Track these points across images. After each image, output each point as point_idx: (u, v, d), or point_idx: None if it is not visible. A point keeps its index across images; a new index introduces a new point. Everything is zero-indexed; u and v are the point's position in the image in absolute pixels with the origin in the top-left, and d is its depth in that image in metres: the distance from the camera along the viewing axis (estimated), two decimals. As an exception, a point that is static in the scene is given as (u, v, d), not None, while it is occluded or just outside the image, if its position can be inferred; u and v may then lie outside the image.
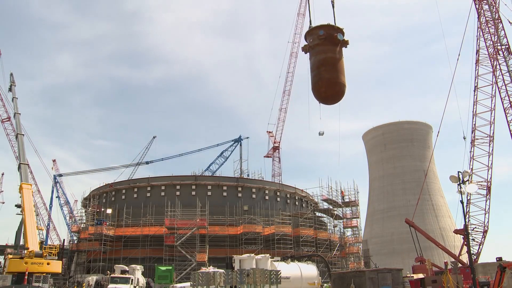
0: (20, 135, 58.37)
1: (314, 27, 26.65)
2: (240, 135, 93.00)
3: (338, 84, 25.41)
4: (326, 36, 25.59)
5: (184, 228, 54.25)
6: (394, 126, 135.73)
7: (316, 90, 26.18)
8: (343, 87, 25.63)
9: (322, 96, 26.82)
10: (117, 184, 69.70)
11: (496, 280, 21.54)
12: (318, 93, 26.30)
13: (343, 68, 25.88)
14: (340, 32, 25.83)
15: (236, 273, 25.14)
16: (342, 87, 25.59)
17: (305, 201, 74.66)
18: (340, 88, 25.67)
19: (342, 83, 25.50)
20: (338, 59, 25.68)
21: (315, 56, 26.17)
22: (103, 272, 52.30)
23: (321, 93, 26.21)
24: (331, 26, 26.09)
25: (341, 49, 26.17)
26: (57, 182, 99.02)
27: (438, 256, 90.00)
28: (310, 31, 26.85)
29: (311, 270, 37.40)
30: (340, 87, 25.56)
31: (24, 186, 50.27)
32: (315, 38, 26.13)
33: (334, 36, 25.67)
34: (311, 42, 26.37)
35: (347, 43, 26.04)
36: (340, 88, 25.69)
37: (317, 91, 26.14)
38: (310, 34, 26.79)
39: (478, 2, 54.64)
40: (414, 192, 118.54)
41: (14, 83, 66.13)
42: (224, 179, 67.22)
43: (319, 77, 25.56)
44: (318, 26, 26.49)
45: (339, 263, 63.33)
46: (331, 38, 25.61)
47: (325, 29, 25.97)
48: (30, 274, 39.07)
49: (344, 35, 26.16)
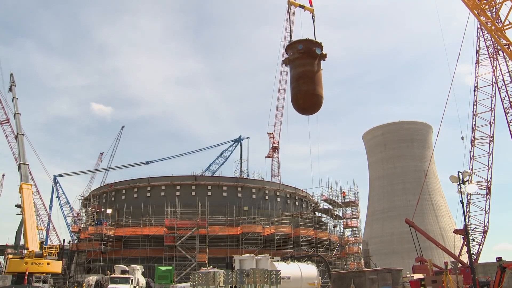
0: (20, 135, 58.36)
1: (294, 41, 28.50)
2: (240, 135, 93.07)
3: (315, 96, 27.20)
4: (305, 50, 27.25)
5: (184, 228, 54.26)
6: (394, 126, 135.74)
7: (295, 101, 27.99)
8: (320, 99, 27.41)
9: (300, 107, 28.79)
10: (117, 184, 69.70)
11: (496, 280, 21.55)
12: (296, 104, 28.16)
13: (321, 80, 27.75)
14: (318, 47, 27.54)
15: (236, 273, 25.15)
16: (319, 98, 27.38)
17: (305, 201, 74.66)
18: (317, 100, 27.47)
19: (319, 94, 27.29)
20: (316, 72, 27.48)
21: (294, 69, 28.06)
22: (103, 272, 52.30)
23: (300, 104, 28.10)
24: (310, 41, 27.85)
25: (320, 62, 27.95)
26: (57, 182, 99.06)
27: (438, 256, 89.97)
28: (290, 45, 28.64)
29: (311, 270, 37.40)
30: (318, 98, 27.35)
31: (24, 186, 50.28)
32: (294, 52, 27.91)
33: (312, 50, 27.32)
34: (291, 56, 28.19)
35: (325, 56, 27.90)
36: (318, 100, 27.49)
37: (295, 102, 27.94)
38: (290, 48, 28.55)
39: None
40: (414, 192, 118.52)
41: (14, 83, 66.15)
42: (224, 179, 67.20)
43: (298, 89, 27.37)
44: (297, 41, 28.31)
45: (339, 263, 63.32)
46: (310, 52, 27.30)
47: (304, 44, 27.68)
48: (30, 274, 39.08)
49: (322, 49, 27.88)
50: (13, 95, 64.09)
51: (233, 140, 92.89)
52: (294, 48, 28.22)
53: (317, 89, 27.36)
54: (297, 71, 27.81)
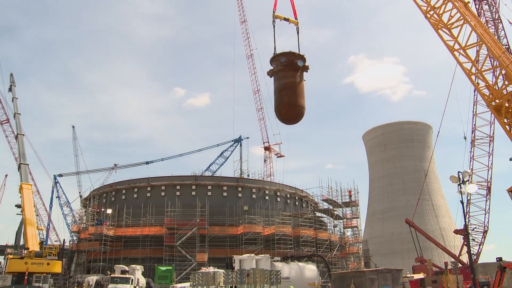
0: (20, 135, 58.37)
1: (277, 54, 29.62)
2: (240, 135, 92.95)
3: (297, 107, 28.65)
4: (288, 63, 28.52)
5: (184, 228, 54.25)
6: (394, 126, 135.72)
7: (277, 112, 29.50)
8: (302, 109, 28.95)
9: (283, 117, 30.22)
10: (117, 184, 69.68)
11: (496, 280, 21.54)
12: (279, 114, 29.67)
13: (303, 92, 29.22)
14: (300, 59, 28.78)
15: (236, 273, 25.17)
16: (301, 109, 28.92)
17: (305, 201, 74.65)
18: (299, 110, 28.99)
19: (301, 105, 28.80)
20: (298, 83, 28.83)
21: (277, 81, 29.38)
22: (103, 272, 52.30)
23: (282, 114, 29.58)
24: (293, 53, 29.03)
25: (302, 73, 29.28)
26: (57, 182, 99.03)
27: (438, 256, 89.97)
28: (274, 57, 29.78)
29: (311, 270, 37.45)
30: (299, 109, 28.88)
31: (24, 186, 50.29)
32: (278, 64, 29.17)
33: (295, 63, 28.56)
34: (275, 68, 29.43)
35: (308, 68, 29.23)
36: (300, 110, 29.02)
37: (278, 112, 29.45)
38: (274, 60, 29.79)
39: (478, 2, 54.71)
40: (414, 192, 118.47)
41: (14, 83, 66.14)
42: (224, 179, 67.16)
43: (280, 101, 28.84)
44: (280, 54, 29.46)
45: (339, 263, 63.30)
46: (292, 64, 28.57)
47: (287, 56, 28.90)
48: (30, 274, 39.10)
49: (305, 61, 29.15)
50: (13, 95, 64.07)
51: (233, 140, 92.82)
52: (277, 60, 29.42)
53: (299, 100, 28.70)
54: (280, 83, 29.14)
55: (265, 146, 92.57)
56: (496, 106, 34.17)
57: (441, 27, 36.23)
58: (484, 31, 35.77)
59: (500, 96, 33.36)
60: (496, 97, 34.12)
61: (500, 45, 36.29)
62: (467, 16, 35.26)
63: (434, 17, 36.63)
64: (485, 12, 54.41)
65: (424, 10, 37.45)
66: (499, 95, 33.52)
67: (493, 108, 34.62)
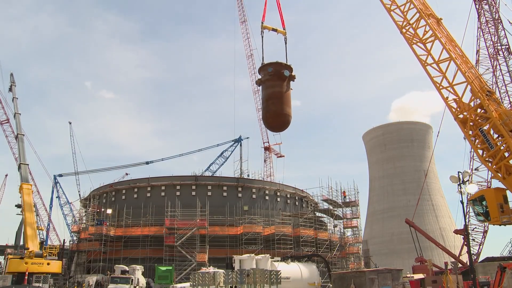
0: (20, 135, 58.39)
1: (265, 64, 30.37)
2: (240, 135, 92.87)
3: (283, 115, 29.57)
4: (274, 73, 29.37)
5: (184, 228, 54.23)
6: (394, 126, 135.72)
7: (265, 120, 30.48)
8: (288, 118, 29.66)
9: (270, 126, 31.55)
10: (117, 184, 69.69)
11: (496, 280, 21.55)
12: (266, 122, 30.70)
13: (289, 100, 29.72)
14: (287, 69, 29.68)
15: (236, 273, 25.16)
16: (287, 117, 29.75)
17: (305, 201, 74.64)
18: (285, 119, 29.92)
19: (287, 114, 29.59)
20: (285, 92, 29.56)
21: (264, 90, 30.17)
22: (103, 272, 52.30)
23: (269, 123, 30.57)
24: (279, 64, 29.87)
25: (289, 83, 29.86)
26: (57, 182, 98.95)
27: (438, 256, 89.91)
28: (262, 67, 30.56)
29: (311, 270, 37.43)
30: (285, 117, 29.78)
31: (24, 186, 50.33)
32: (265, 74, 29.97)
33: (281, 73, 29.44)
34: (263, 77, 30.21)
35: (294, 77, 29.88)
36: (286, 119, 29.91)
37: (265, 121, 30.44)
38: (262, 70, 30.66)
39: (478, 2, 54.70)
40: (414, 192, 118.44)
41: (14, 83, 66.14)
42: (224, 179, 67.14)
43: (267, 109, 29.76)
44: (268, 64, 30.21)
45: (339, 263, 63.29)
46: (279, 74, 29.44)
47: (274, 67, 29.71)
48: (30, 274, 39.18)
49: (292, 71, 29.73)
50: (13, 95, 64.06)
51: (233, 140, 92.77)
52: (265, 70, 30.19)
53: (285, 109, 29.53)
54: (267, 92, 29.91)
55: (265, 146, 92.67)
56: (462, 119, 36.36)
57: (416, 42, 38.47)
58: (453, 47, 38.12)
59: (467, 109, 35.39)
60: (462, 111, 36.11)
61: (468, 60, 38.41)
62: (437, 33, 37.52)
63: (410, 31, 38.89)
64: (485, 12, 54.37)
65: (400, 26, 39.74)
66: (466, 108, 35.56)
67: (460, 121, 36.84)
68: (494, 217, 35.46)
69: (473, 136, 35.77)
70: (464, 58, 37.87)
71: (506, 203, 34.95)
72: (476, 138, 35.63)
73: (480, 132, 34.90)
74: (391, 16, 40.84)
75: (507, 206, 34.74)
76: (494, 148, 34.17)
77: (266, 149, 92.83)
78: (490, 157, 35.32)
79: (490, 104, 34.92)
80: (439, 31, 38.44)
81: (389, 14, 40.74)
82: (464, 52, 38.89)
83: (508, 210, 34.24)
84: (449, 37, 39.70)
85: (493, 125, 34.52)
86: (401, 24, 39.64)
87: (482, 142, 35.14)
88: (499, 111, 34.70)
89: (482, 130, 34.78)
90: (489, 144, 34.47)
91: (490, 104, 34.89)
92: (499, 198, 34.80)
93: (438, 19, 39.62)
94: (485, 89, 36.18)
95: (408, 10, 39.75)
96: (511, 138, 33.49)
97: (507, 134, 33.31)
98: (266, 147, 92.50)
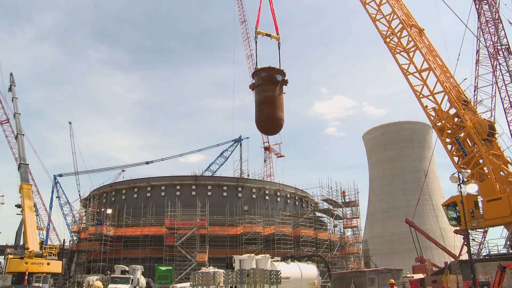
0: (20, 135, 58.37)
1: (258, 69, 31.08)
2: (240, 135, 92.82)
3: (276, 119, 30.27)
4: (267, 77, 30.03)
5: (184, 228, 54.24)
6: (394, 126, 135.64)
7: (258, 124, 31.01)
8: (281, 121, 30.53)
9: (263, 129, 32.39)
10: (117, 184, 69.70)
11: (496, 280, 21.54)
12: (259, 126, 31.33)
13: (282, 104, 30.66)
14: (279, 74, 30.26)
15: (236, 273, 25.15)
16: (279, 121, 30.57)
17: (305, 201, 74.65)
18: (278, 123, 30.64)
19: (279, 118, 30.40)
20: (277, 96, 30.27)
21: (257, 95, 30.89)
22: (103, 272, 52.28)
23: (262, 126, 31.34)
24: (272, 68, 30.59)
25: (281, 87, 30.65)
26: (57, 182, 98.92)
27: (438, 256, 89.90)
28: (255, 72, 31.24)
29: (311, 270, 37.41)
30: (278, 121, 30.52)
31: (24, 186, 50.31)
32: (258, 78, 30.55)
33: (274, 77, 30.01)
34: (256, 82, 30.92)
35: (287, 82, 30.54)
36: (278, 123, 30.68)
37: (258, 124, 31.00)
38: (255, 74, 31.31)
39: (478, 2, 54.67)
40: (414, 192, 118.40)
41: (14, 83, 66.16)
42: (224, 179, 67.15)
43: (260, 113, 30.36)
44: (261, 69, 30.89)
45: (339, 263, 63.31)
46: (272, 78, 30.02)
47: (266, 71, 30.44)
48: (30, 274, 39.16)
49: (284, 75, 30.40)
50: (13, 95, 64.07)
51: (233, 140, 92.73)
52: (258, 75, 30.81)
53: (278, 113, 30.22)
54: (260, 96, 30.64)
55: (265, 146, 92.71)
56: (440, 127, 38.38)
57: (400, 51, 40.14)
58: (433, 57, 41.11)
59: (445, 117, 37.43)
60: (441, 119, 38.00)
61: (448, 70, 40.05)
62: (418, 43, 39.11)
63: (394, 41, 40.51)
64: (485, 12, 54.32)
65: (384, 35, 41.34)
66: (444, 117, 37.57)
67: (437, 129, 38.90)
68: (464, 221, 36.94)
69: (449, 143, 37.73)
70: (443, 68, 40.00)
71: (477, 209, 36.63)
72: (453, 145, 37.74)
73: (456, 140, 37.27)
74: (376, 26, 42.62)
75: (477, 211, 36.46)
76: (468, 156, 36.18)
77: (266, 149, 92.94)
78: (464, 164, 37.22)
79: (465, 113, 36.87)
80: (420, 41, 40.20)
81: (374, 24, 42.81)
82: (444, 62, 40.78)
83: (478, 215, 35.95)
84: (430, 47, 41.71)
85: (468, 133, 36.35)
86: (385, 34, 41.08)
87: (457, 149, 37.24)
88: (473, 120, 36.35)
89: (458, 138, 37.32)
90: (463, 152, 36.65)
91: (466, 114, 36.83)
92: (470, 204, 36.83)
93: (421, 29, 41.83)
94: (461, 98, 38.43)
95: (392, 20, 41.67)
96: (483, 146, 35.24)
97: (480, 143, 35.19)
98: (266, 147, 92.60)
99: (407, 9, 42.92)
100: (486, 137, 36.10)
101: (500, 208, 33.29)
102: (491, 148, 36.35)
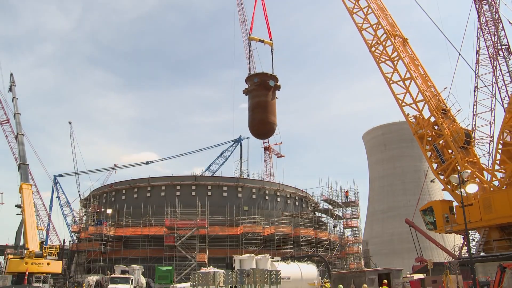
0: (20, 135, 58.35)
1: (252, 74, 32.60)
2: (240, 136, 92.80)
3: (268, 124, 31.81)
4: (260, 83, 31.20)
5: (184, 228, 54.24)
6: (394, 126, 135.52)
7: (250, 128, 32.51)
8: (273, 125, 32.14)
9: (255, 133, 33.78)
10: (117, 184, 69.66)
11: (496, 280, 21.55)
12: (252, 130, 32.87)
13: (274, 109, 31.76)
14: (272, 79, 31.29)
15: (236, 273, 25.15)
16: (272, 125, 32.17)
17: (305, 201, 74.64)
18: (270, 127, 32.31)
19: (272, 122, 31.93)
20: (270, 101, 31.23)
21: (251, 100, 31.89)
22: (103, 272, 52.27)
23: (255, 130, 32.89)
24: (265, 74, 31.87)
25: (274, 92, 31.46)
26: (57, 182, 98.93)
27: (438, 256, 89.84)
28: (249, 77, 32.41)
29: (311, 270, 37.41)
30: (270, 125, 32.10)
31: (24, 186, 50.26)
32: (251, 84, 31.77)
33: (267, 83, 31.12)
34: (249, 87, 31.88)
35: (279, 87, 31.10)
36: (271, 127, 32.37)
37: (251, 128, 32.55)
38: (249, 80, 32.49)
39: (478, 2, 54.74)
40: (414, 192, 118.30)
41: (14, 83, 66.14)
42: (224, 179, 67.11)
43: (253, 118, 31.75)
44: (254, 74, 32.31)
45: (339, 263, 63.33)
46: (264, 84, 31.18)
47: (259, 77, 31.44)
48: (30, 274, 39.08)
49: (277, 81, 31.02)
50: (13, 95, 64.07)
51: (233, 140, 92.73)
52: (251, 80, 31.86)
53: (270, 117, 31.33)
54: (253, 101, 31.53)
55: (265, 146, 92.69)
56: (420, 134, 39.91)
57: (384, 60, 41.36)
58: (415, 67, 41.51)
59: (426, 125, 38.82)
60: (421, 127, 39.31)
61: (429, 79, 41.16)
62: (401, 53, 40.28)
63: (379, 49, 41.68)
64: (485, 12, 54.38)
65: (369, 44, 42.30)
66: (425, 124, 38.93)
67: (418, 136, 40.40)
68: (439, 226, 38.28)
69: (429, 150, 39.04)
70: (425, 77, 41.12)
71: (452, 214, 37.55)
72: (432, 152, 39.01)
73: (434, 147, 38.55)
74: (362, 35, 43.78)
75: (452, 216, 37.39)
76: (445, 163, 37.40)
77: (266, 149, 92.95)
78: (442, 171, 38.18)
79: (444, 122, 38.15)
80: (403, 51, 41.30)
81: (360, 33, 43.51)
82: (426, 71, 41.93)
83: (453, 220, 36.70)
84: (413, 56, 42.96)
85: (445, 141, 37.58)
86: (370, 43, 42.07)
87: (436, 156, 38.47)
88: (451, 129, 37.35)
89: (436, 145, 38.55)
90: (441, 159, 38.00)
91: (444, 122, 38.12)
92: (445, 209, 38.42)
93: (405, 39, 43.03)
94: (440, 107, 39.63)
95: (377, 29, 42.80)
96: (460, 154, 36.23)
97: (456, 150, 36.69)
98: (266, 147, 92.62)
99: (392, 19, 44.04)
100: (463, 145, 37.20)
101: (471, 213, 34.17)
102: (467, 155, 37.50)
